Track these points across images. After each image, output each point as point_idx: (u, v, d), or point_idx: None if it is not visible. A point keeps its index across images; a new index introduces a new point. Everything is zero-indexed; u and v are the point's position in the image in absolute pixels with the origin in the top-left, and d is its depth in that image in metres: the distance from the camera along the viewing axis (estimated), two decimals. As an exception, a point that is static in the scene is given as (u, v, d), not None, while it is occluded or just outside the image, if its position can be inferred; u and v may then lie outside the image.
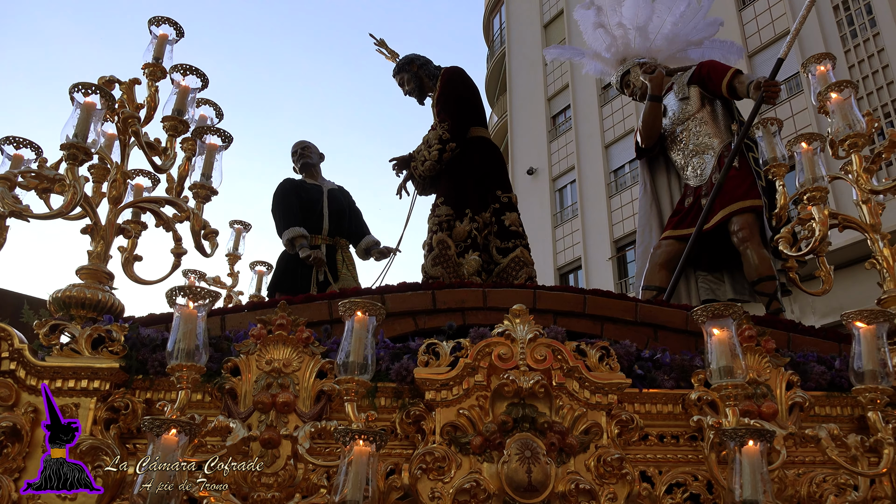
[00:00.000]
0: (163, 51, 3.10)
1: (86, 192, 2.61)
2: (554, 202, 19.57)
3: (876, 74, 12.71)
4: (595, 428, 2.30)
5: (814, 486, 2.32)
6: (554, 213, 19.32)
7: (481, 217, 3.83)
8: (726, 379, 2.08)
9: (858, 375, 2.16)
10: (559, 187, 19.79)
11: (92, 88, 2.48)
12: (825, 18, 13.80)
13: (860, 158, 2.81)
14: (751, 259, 3.63)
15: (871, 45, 12.97)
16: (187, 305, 2.11)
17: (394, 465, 2.26)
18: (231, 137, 2.84)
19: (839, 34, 13.50)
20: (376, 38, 4.47)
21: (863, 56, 13.00)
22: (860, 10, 13.43)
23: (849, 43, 13.33)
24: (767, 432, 1.88)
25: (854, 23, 13.42)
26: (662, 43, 4.32)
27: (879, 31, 12.85)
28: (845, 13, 13.62)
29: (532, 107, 21.10)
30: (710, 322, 2.15)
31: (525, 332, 2.33)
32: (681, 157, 4.11)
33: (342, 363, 2.08)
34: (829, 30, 13.63)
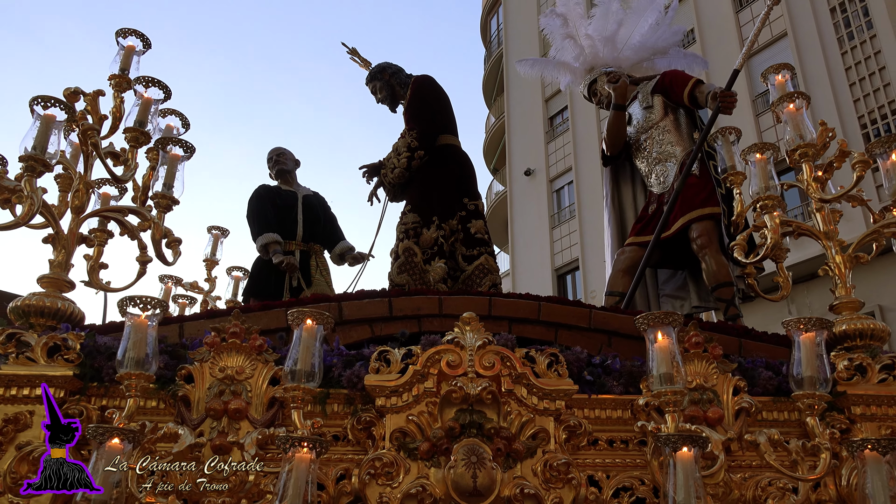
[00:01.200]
0: (129, 62, 3.15)
1: (46, 201, 2.65)
2: (552, 203, 19.58)
3: (873, 76, 12.72)
4: (542, 433, 2.34)
5: (759, 489, 2.36)
6: (552, 214, 19.34)
7: (448, 224, 3.88)
8: (666, 385, 2.13)
9: (798, 382, 2.21)
10: (557, 188, 19.80)
11: (51, 101, 2.52)
12: (822, 20, 13.81)
13: (810, 168, 2.86)
14: (709, 265, 3.68)
15: (868, 46, 12.96)
16: (139, 315, 2.16)
17: (344, 471, 2.30)
18: (193, 148, 2.89)
19: (836, 36, 13.51)
20: (348, 47, 4.52)
21: (860, 58, 13.01)
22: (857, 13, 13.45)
23: (846, 45, 13.34)
24: (700, 438, 1.92)
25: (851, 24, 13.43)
26: (630, 52, 4.37)
27: (877, 34, 12.86)
28: (842, 15, 13.64)
29: (529, 108, 21.13)
30: (651, 329, 2.20)
31: (474, 339, 2.38)
32: (645, 165, 4.16)
33: (290, 371, 2.13)
34: (825, 32, 13.63)
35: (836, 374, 2.50)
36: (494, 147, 23.41)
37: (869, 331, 2.68)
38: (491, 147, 23.69)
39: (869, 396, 2.45)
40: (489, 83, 24.63)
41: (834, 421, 2.48)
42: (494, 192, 23.15)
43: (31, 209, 2.38)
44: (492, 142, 23.51)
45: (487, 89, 24.84)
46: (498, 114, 23.41)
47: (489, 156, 24.02)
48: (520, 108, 21.46)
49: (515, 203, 20.70)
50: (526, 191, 20.34)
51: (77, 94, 2.86)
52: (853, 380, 2.48)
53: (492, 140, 23.46)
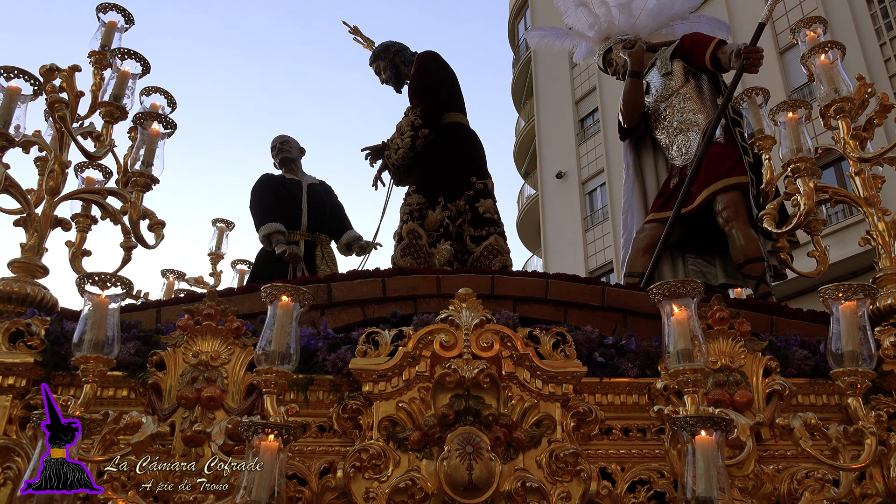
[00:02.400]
0: (111, 38, 3.00)
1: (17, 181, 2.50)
2: (584, 206, 19.25)
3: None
4: (547, 420, 2.10)
5: (794, 482, 2.09)
6: (584, 217, 19.00)
7: (455, 205, 3.65)
8: (684, 363, 1.88)
9: (837, 358, 1.93)
10: (589, 191, 19.47)
11: (15, 72, 2.36)
12: (858, 11, 13.34)
13: (847, 125, 2.57)
14: (736, 240, 3.39)
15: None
16: (99, 294, 1.97)
17: (329, 464, 2.09)
18: (174, 124, 2.71)
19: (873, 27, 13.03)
20: (350, 26, 4.33)
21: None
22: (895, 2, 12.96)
23: (884, 35, 12.85)
24: (723, 420, 1.66)
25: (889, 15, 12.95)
26: (647, 19, 4.11)
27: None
28: (879, 5, 13.15)
29: (559, 110, 20.82)
30: (667, 301, 1.96)
31: (470, 317, 2.15)
32: (665, 136, 3.87)
33: (262, 352, 1.92)
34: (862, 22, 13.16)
35: (882, 351, 2.21)
36: (525, 151, 23.12)
37: (918, 304, 2.39)
38: (521, 151, 23.40)
39: (920, 376, 2.16)
40: (518, 87, 24.37)
41: (879, 404, 2.18)
42: (526, 196, 22.84)
43: (-8, 186, 2.22)
44: (522, 145, 23.22)
45: (516, 93, 24.58)
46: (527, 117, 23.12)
47: (520, 160, 23.73)
48: (550, 111, 21.14)
49: (547, 207, 20.40)
50: (558, 194, 20.01)
51: (53, 71, 2.71)
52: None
53: (522, 144, 23.18)
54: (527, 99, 23.71)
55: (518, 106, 24.72)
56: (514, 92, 24.73)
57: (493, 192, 3.79)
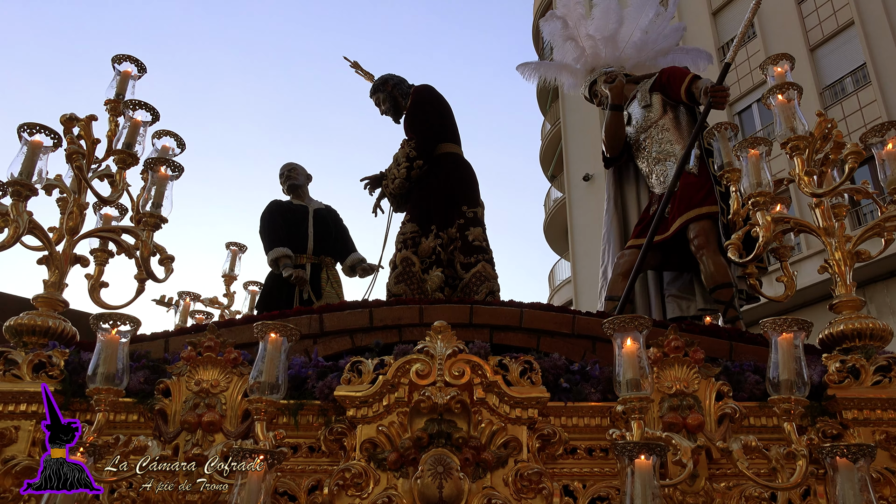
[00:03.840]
0: (125, 87, 3.26)
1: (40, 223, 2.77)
2: (611, 209, 19.24)
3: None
4: (514, 442, 2.30)
5: (743, 499, 2.27)
6: (612, 221, 18.99)
7: (447, 233, 3.87)
8: (632, 392, 2.07)
9: (775, 385, 2.11)
10: (616, 194, 19.44)
11: (37, 128, 2.62)
12: (892, 12, 13.25)
13: (802, 161, 2.74)
14: (707, 266, 3.56)
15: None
16: (110, 332, 2.22)
17: (317, 482, 2.31)
18: (181, 167, 2.96)
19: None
20: (350, 61, 4.57)
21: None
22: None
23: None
24: (657, 446, 1.86)
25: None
26: (632, 51, 4.29)
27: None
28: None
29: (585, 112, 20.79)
30: (618, 334, 2.15)
31: (443, 348, 2.36)
32: (645, 165, 4.05)
33: (254, 382, 2.15)
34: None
35: (827, 376, 2.39)
36: (551, 154, 23.12)
37: (868, 331, 2.55)
38: (547, 154, 23.40)
39: (861, 400, 2.33)
40: (543, 89, 24.25)
41: (826, 426, 2.37)
42: (553, 199, 22.84)
43: (17, 232, 2.48)
44: (548, 148, 23.22)
45: (542, 96, 24.60)
46: (553, 120, 23.13)
47: (546, 163, 23.72)
48: (576, 114, 21.17)
49: (575, 209, 20.40)
50: (585, 197, 20.00)
51: (73, 121, 2.98)
52: (844, 383, 2.36)
53: (548, 147, 23.17)
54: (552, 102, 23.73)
55: (543, 109, 24.73)
56: (539, 94, 24.69)
57: (482, 220, 4.00)
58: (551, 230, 22.41)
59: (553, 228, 22.21)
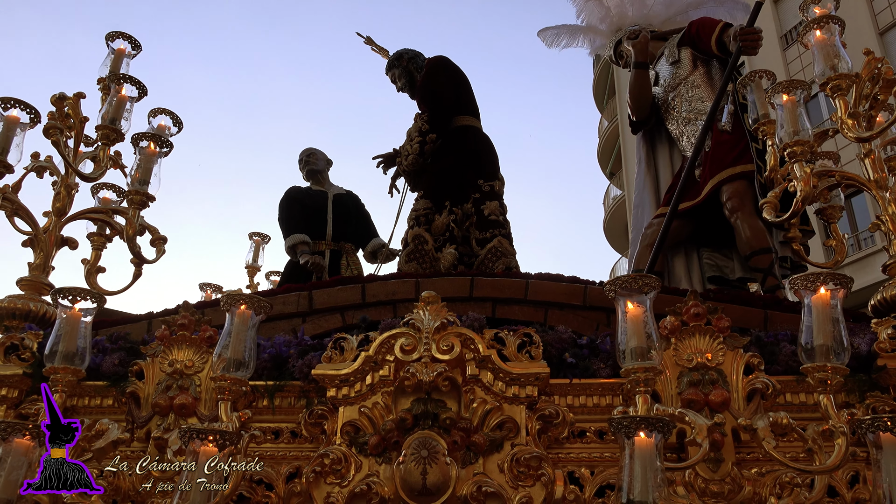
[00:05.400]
0: (119, 65, 3.15)
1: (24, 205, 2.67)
2: (671, 205, 18.67)
3: None
4: (510, 423, 2.05)
5: (778, 487, 1.96)
6: (668, 216, 18.43)
7: (462, 208, 3.62)
8: (637, 362, 1.80)
9: (808, 352, 1.80)
10: (674, 190, 18.87)
11: (11, 102, 2.52)
12: None
13: (844, 103, 2.39)
14: (742, 231, 3.19)
15: None
16: (71, 307, 2.08)
17: (295, 469, 2.11)
18: (169, 143, 2.82)
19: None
20: (363, 37, 4.39)
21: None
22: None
23: None
24: (661, 422, 1.58)
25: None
26: (660, 8, 3.95)
27: None
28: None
29: (643, 108, 20.26)
30: (621, 297, 1.88)
31: (431, 320, 2.13)
32: (675, 127, 3.70)
33: (218, 360, 1.97)
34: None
35: (877, 345, 2.05)
36: (609, 151, 22.59)
37: (929, 293, 2.20)
38: (605, 151, 22.87)
39: (919, 371, 1.98)
40: (599, 86, 23.89)
41: (877, 402, 2.03)
42: (612, 197, 22.28)
43: (-12, 208, 2.37)
44: (606, 146, 22.69)
45: (598, 93, 24.10)
46: (610, 117, 22.58)
47: (604, 160, 23.19)
48: (632, 109, 20.58)
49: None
50: (643, 192, 19.40)
51: (63, 99, 2.88)
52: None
53: (606, 144, 22.64)
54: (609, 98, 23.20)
55: (600, 106, 24.20)
56: (595, 91, 24.23)
57: (500, 194, 3.74)
58: (611, 228, 21.85)
59: (613, 226, 21.63)
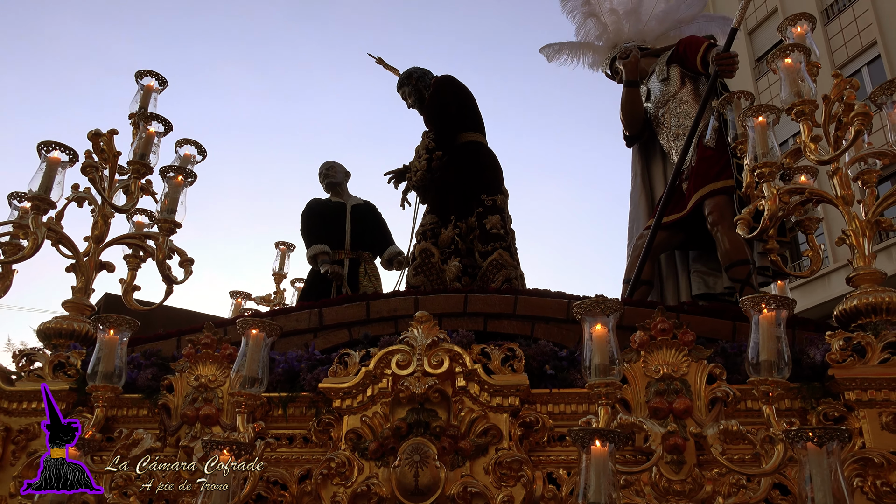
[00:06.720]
0: (148, 101, 3.45)
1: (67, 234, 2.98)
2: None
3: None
4: (494, 430, 2.30)
5: (735, 486, 2.16)
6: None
7: (466, 222, 3.86)
8: (600, 377, 2.02)
9: (754, 367, 2.00)
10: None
11: (53, 146, 2.82)
12: None
13: (808, 127, 2.56)
14: (721, 244, 3.36)
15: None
16: (108, 332, 2.37)
17: (307, 471, 2.39)
18: (193, 174, 3.11)
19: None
20: (375, 57, 4.62)
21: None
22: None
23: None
24: (612, 433, 1.81)
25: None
26: (654, 23, 4.09)
27: None
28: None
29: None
30: (587, 317, 2.10)
31: (423, 338, 2.38)
32: (666, 141, 3.87)
33: (235, 377, 2.25)
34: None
35: (829, 356, 2.23)
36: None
37: (885, 305, 2.37)
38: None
39: (865, 380, 2.17)
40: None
41: (828, 409, 2.22)
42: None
43: (35, 244, 2.68)
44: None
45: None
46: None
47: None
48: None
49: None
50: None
51: (98, 136, 3.19)
52: (846, 362, 2.20)
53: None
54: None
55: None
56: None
57: (502, 208, 3.96)
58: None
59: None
